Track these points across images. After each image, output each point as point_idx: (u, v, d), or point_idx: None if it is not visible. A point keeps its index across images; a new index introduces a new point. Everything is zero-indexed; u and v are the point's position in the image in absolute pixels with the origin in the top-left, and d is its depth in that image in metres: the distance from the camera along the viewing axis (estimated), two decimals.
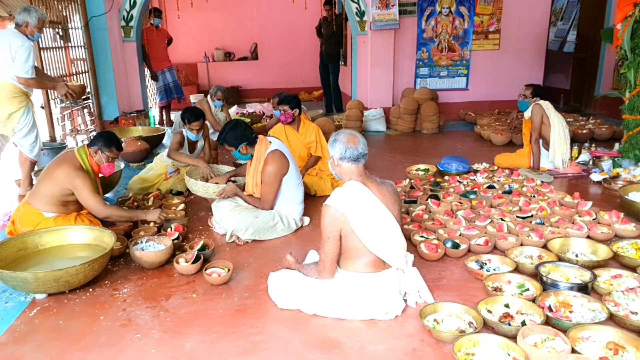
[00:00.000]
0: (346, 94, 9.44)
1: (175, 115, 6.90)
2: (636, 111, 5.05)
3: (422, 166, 5.14)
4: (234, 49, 11.61)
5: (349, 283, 2.51)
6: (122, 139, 5.63)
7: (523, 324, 2.33)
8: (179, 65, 10.92)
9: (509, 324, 2.34)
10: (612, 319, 2.38)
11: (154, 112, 8.28)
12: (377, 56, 7.82)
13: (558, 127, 5.05)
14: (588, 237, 3.36)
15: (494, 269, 2.93)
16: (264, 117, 8.54)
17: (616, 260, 3.02)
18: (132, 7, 7.23)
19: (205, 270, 2.93)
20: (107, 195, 4.54)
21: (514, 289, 2.70)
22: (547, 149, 5.18)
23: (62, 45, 6.43)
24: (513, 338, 2.24)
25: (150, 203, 4.11)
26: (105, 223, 3.52)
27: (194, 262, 3.01)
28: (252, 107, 9.30)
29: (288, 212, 3.68)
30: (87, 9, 6.77)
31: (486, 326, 2.37)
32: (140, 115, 7.13)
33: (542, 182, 4.59)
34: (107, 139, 3.51)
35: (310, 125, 4.80)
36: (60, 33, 6.32)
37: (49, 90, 5.66)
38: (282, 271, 2.79)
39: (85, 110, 6.88)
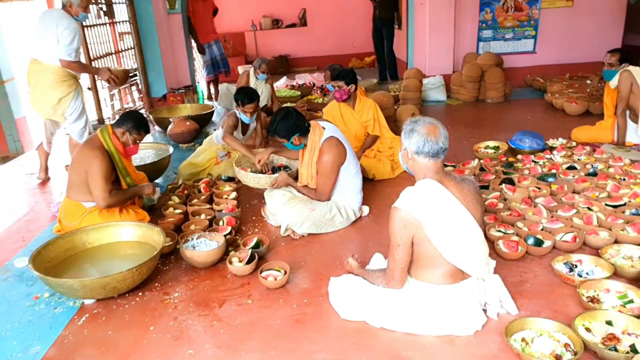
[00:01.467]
0: (401, 60, 8.89)
1: (220, 88, 6.63)
2: None
3: (491, 143, 4.68)
4: (282, 16, 11.19)
5: (423, 295, 2.21)
6: (171, 119, 5.49)
7: (633, 349, 1.97)
8: (226, 35, 10.67)
9: (615, 349, 1.98)
10: None
11: (202, 87, 8.12)
12: (436, 19, 7.24)
13: None
14: None
15: (587, 273, 2.54)
16: (315, 88, 8.19)
17: None
18: None
19: (261, 272, 2.70)
20: (157, 180, 4.41)
21: (615, 299, 2.31)
22: (635, 121, 4.57)
23: (107, 21, 6.28)
24: None
25: (201, 190, 3.92)
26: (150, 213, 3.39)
27: (248, 262, 2.80)
28: (302, 78, 8.95)
29: (346, 202, 3.39)
30: None
31: (587, 350, 2.01)
32: (189, 91, 6.97)
33: (631, 161, 4.04)
34: (136, 120, 3.31)
35: (367, 102, 4.43)
36: (104, 9, 6.16)
37: None
38: (345, 277, 2.52)
39: (133, 88, 6.78)
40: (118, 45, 6.46)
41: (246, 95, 4.03)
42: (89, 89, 5.74)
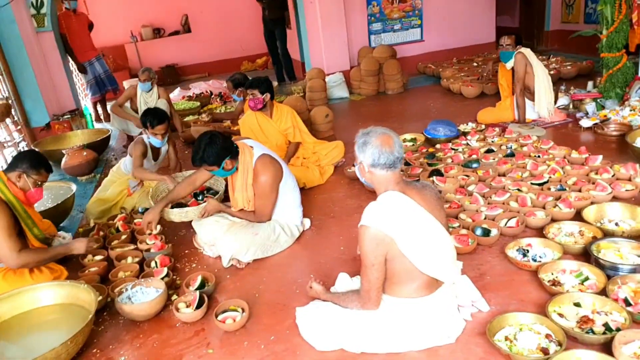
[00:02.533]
0: (296, 60, 8.81)
1: (111, 108, 6.00)
2: (615, 48, 4.86)
3: (407, 136, 4.75)
4: (163, 24, 10.54)
5: (401, 311, 2.11)
6: (64, 151, 4.85)
7: (607, 327, 2.04)
8: (104, 50, 9.77)
9: (592, 331, 2.04)
10: None
11: (89, 110, 7.35)
12: (327, 16, 7.24)
13: (542, 75, 4.77)
14: (613, 197, 3.13)
15: (540, 257, 2.62)
16: (213, 96, 7.81)
17: None
18: None
19: (217, 316, 2.43)
20: (62, 224, 3.86)
21: (572, 279, 2.40)
22: (531, 99, 4.91)
23: None
24: (603, 347, 1.95)
25: (119, 229, 3.48)
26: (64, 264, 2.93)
27: (198, 307, 2.50)
28: (197, 87, 8.48)
29: (288, 219, 3.20)
30: None
31: (567, 337, 2.05)
32: (76, 116, 6.25)
33: (538, 137, 4.33)
34: (32, 159, 2.85)
35: (283, 109, 4.26)
36: None
37: None
38: (312, 304, 2.34)
39: (8, 120, 5.91)
40: None
41: (155, 116, 3.64)
42: None
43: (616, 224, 2.82)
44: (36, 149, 3.11)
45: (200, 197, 3.52)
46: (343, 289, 2.37)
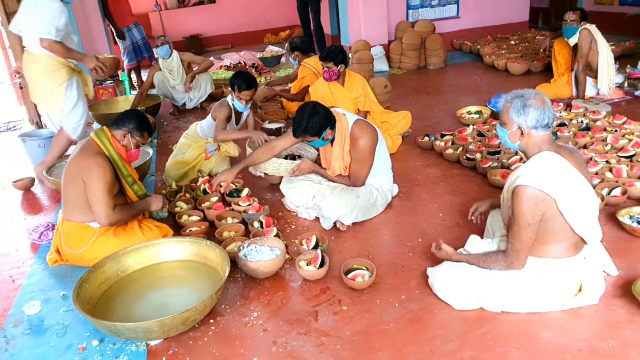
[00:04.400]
0: (327, 34, 8.72)
1: (156, 76, 5.87)
2: None
3: (472, 108, 4.74)
4: None
5: (548, 271, 2.12)
6: None
7: None
8: None
9: None
10: None
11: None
12: None
13: (605, 51, 4.78)
14: None
15: None
16: (248, 67, 7.72)
17: None
18: None
19: (346, 274, 2.43)
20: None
21: None
22: (591, 75, 4.92)
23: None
24: None
25: (207, 191, 3.45)
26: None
27: (321, 265, 2.51)
28: (229, 58, 8.36)
29: (381, 183, 3.19)
30: None
31: None
32: (118, 82, 6.14)
33: (606, 112, 4.34)
34: (139, 120, 2.82)
35: (355, 77, 4.22)
36: None
37: None
38: (446, 265, 2.36)
39: None
40: None
41: (244, 80, 3.57)
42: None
43: None
44: (140, 110, 3.06)
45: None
46: (475, 250, 2.37)
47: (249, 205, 3.18)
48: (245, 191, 3.38)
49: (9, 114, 6.71)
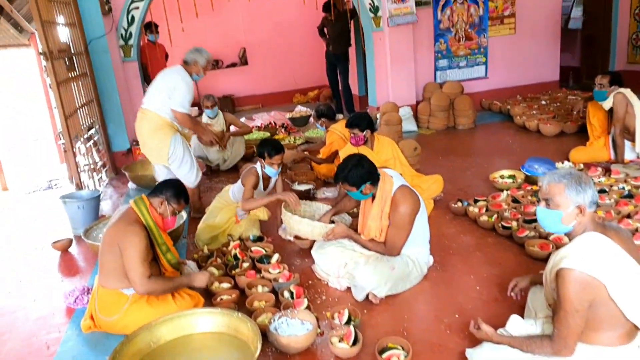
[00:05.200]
0: (354, 94, 8.92)
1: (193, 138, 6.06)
2: None
3: (505, 172, 4.67)
4: (222, 56, 10.79)
5: None
6: None
7: None
8: None
9: None
10: None
11: None
12: (396, 52, 7.30)
13: None
14: None
15: None
16: (278, 127, 7.90)
17: None
18: (130, 23, 6.41)
19: (380, 353, 2.34)
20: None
21: None
22: (629, 139, 4.82)
23: (71, 75, 5.55)
24: None
25: (238, 256, 3.44)
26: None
27: (354, 343, 2.42)
28: (260, 118, 8.60)
29: (417, 254, 3.12)
30: (85, 31, 5.91)
31: None
32: None
33: None
34: (176, 188, 2.88)
35: (384, 141, 4.28)
36: (67, 62, 5.45)
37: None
38: (486, 346, 2.24)
39: (89, 144, 5.99)
40: (78, 99, 5.68)
41: (273, 147, 3.65)
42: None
43: None
44: (177, 179, 3.19)
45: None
46: (518, 332, 2.26)
47: (279, 272, 3.15)
48: (276, 257, 3.36)
49: (50, 171, 6.98)
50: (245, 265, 3.30)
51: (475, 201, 4.18)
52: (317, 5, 8.26)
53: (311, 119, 8.15)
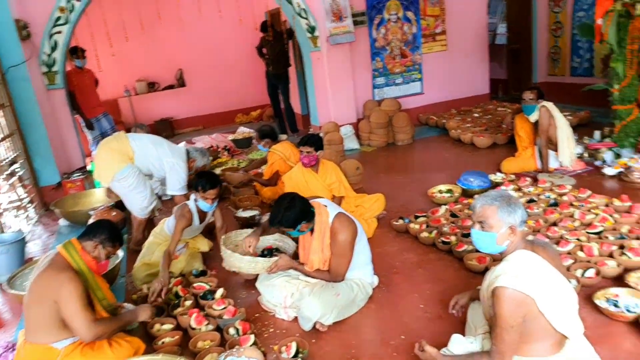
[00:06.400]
0: (297, 113, 8.96)
1: None
2: (627, 101, 5.16)
3: (443, 187, 4.82)
4: (158, 78, 10.55)
5: None
6: (91, 212, 4.67)
7: None
8: None
9: None
10: None
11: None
12: (335, 72, 7.41)
13: (564, 126, 5.01)
14: None
15: (634, 307, 2.65)
16: (221, 150, 7.78)
17: None
18: (54, 49, 6.11)
19: None
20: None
21: None
22: (553, 149, 5.11)
23: None
24: None
25: (179, 294, 3.32)
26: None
27: None
28: (200, 141, 8.44)
29: (361, 276, 3.15)
30: (1, 59, 5.58)
31: None
32: (88, 174, 6.06)
33: (570, 186, 4.48)
34: (110, 230, 2.75)
35: (328, 165, 4.30)
36: None
37: None
38: None
39: (13, 179, 5.60)
40: None
41: (208, 180, 3.57)
42: None
43: None
44: (109, 219, 3.06)
45: (268, 256, 3.42)
46: (459, 351, 2.31)
47: (224, 308, 3.06)
48: (220, 292, 3.27)
49: None
50: (188, 303, 3.19)
51: (416, 217, 4.28)
52: (255, 24, 8.28)
53: (254, 140, 8.09)
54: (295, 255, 3.38)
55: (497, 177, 4.99)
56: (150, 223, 4.45)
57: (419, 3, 7.88)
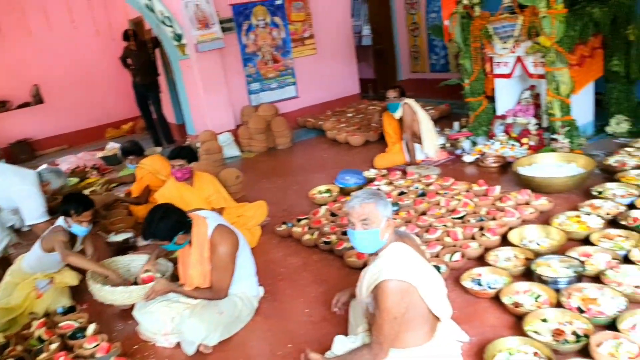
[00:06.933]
0: (171, 123, 8.61)
1: None
2: (476, 94, 5.69)
3: (322, 187, 4.92)
4: (8, 96, 9.44)
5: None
6: None
7: (577, 335, 2.36)
8: None
9: (566, 341, 2.34)
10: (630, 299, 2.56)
11: None
12: (207, 79, 7.22)
13: (425, 120, 5.39)
14: (522, 221, 3.63)
15: (494, 283, 2.92)
16: (88, 170, 7.19)
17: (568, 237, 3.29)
18: None
19: None
20: None
21: (529, 298, 2.72)
22: (418, 142, 5.48)
23: None
24: (579, 353, 2.26)
25: (43, 338, 2.98)
26: None
27: None
28: (65, 161, 7.72)
29: (245, 290, 3.07)
30: None
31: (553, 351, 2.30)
32: None
33: (436, 175, 4.82)
34: None
35: (203, 176, 4.16)
36: None
37: None
38: None
39: None
40: None
41: (80, 202, 3.26)
42: None
43: (537, 244, 3.28)
44: None
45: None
46: (342, 351, 2.35)
47: (96, 346, 2.81)
48: (92, 328, 2.99)
49: None
50: (53, 346, 2.87)
51: (299, 220, 4.31)
52: (113, 34, 7.76)
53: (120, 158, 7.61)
54: (174, 277, 3.21)
55: (370, 173, 5.22)
56: (5, 261, 3.94)
57: (285, 8, 7.97)
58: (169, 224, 2.75)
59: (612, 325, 2.39)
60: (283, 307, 3.16)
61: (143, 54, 7.76)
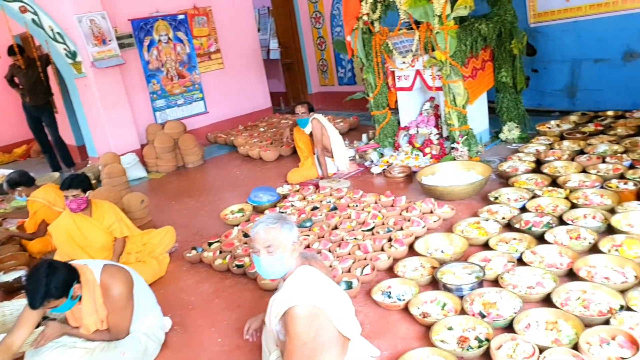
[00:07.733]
0: (70, 145, 8.03)
1: None
2: (381, 107, 5.88)
3: (234, 207, 4.81)
4: None
5: None
6: None
7: (479, 340, 2.47)
8: None
9: (470, 347, 2.44)
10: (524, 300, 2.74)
11: None
12: (107, 98, 6.84)
13: (334, 134, 5.47)
14: (427, 229, 3.78)
15: (403, 295, 2.99)
16: None
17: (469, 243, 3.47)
18: None
19: None
20: None
21: (436, 307, 2.82)
22: (329, 156, 5.55)
23: None
24: (483, 357, 2.36)
25: None
26: None
27: None
28: None
29: (150, 324, 2.89)
30: None
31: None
32: None
33: (347, 188, 4.90)
34: None
35: (103, 204, 3.88)
36: None
37: None
38: None
39: None
40: None
41: None
42: None
43: (442, 252, 3.42)
44: None
45: None
46: None
47: None
48: None
49: None
50: None
51: (210, 244, 4.17)
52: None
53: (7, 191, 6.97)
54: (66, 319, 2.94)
55: (284, 189, 5.19)
56: None
57: (187, 23, 7.78)
58: (61, 277, 2.48)
59: (510, 327, 2.53)
60: (194, 339, 3.02)
61: (32, 72, 7.15)
